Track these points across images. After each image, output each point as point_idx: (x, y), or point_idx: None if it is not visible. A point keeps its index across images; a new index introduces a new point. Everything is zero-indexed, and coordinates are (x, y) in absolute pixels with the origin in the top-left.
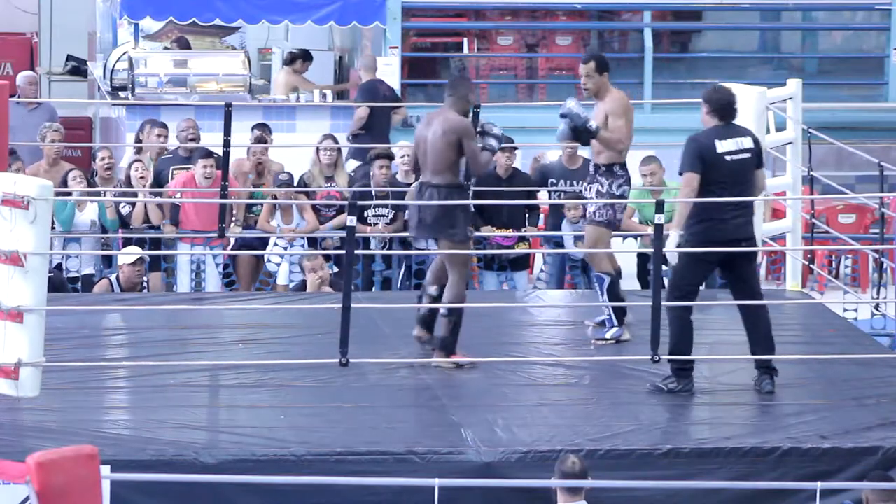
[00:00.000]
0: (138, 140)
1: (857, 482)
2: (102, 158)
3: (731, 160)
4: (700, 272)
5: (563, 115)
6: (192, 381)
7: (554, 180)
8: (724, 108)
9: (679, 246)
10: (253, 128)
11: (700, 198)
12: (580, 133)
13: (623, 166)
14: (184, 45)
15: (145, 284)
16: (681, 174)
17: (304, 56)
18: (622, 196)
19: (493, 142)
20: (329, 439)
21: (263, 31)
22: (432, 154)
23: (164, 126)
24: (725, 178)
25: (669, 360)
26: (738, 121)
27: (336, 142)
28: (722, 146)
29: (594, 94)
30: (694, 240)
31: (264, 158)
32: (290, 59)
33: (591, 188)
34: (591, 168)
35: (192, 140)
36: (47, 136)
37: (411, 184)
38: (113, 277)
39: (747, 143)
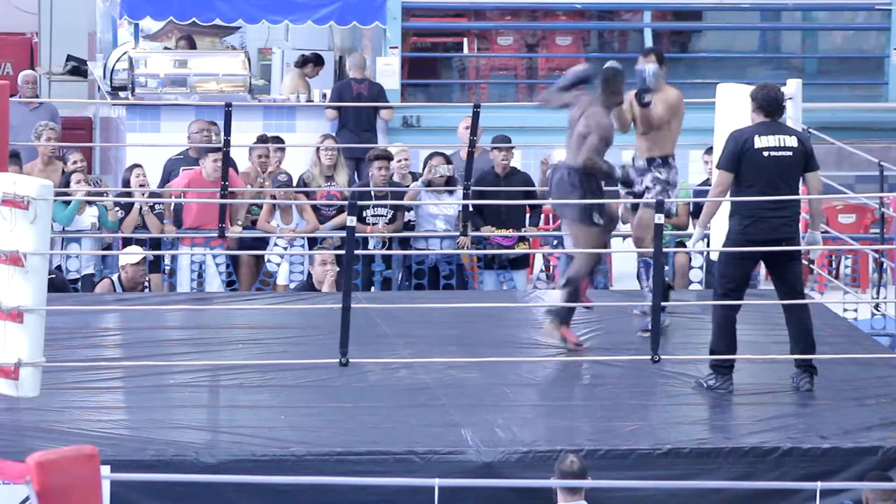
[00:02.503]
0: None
1: (856, 482)
2: (74, 162)
3: (769, 156)
4: (741, 270)
5: (638, 70)
6: (192, 381)
7: None
8: (768, 104)
9: (724, 244)
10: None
11: (737, 195)
12: (639, 94)
13: (674, 157)
14: (191, 43)
15: (146, 284)
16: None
17: (316, 60)
18: (676, 184)
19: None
20: (329, 439)
21: (263, 31)
22: (574, 139)
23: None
24: (763, 174)
25: (711, 358)
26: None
27: (336, 141)
28: (761, 142)
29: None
30: (733, 237)
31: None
32: (302, 62)
33: (645, 177)
34: (644, 162)
35: (206, 141)
36: (43, 134)
37: (409, 185)
38: (114, 277)
39: (791, 141)
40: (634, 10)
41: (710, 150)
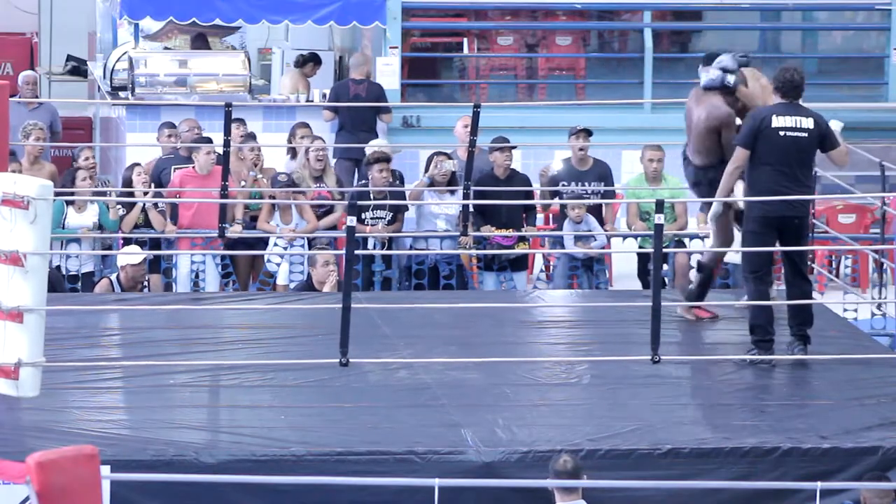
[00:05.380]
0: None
1: (856, 482)
2: (87, 158)
3: (785, 136)
4: (765, 246)
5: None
6: (192, 381)
7: (565, 182)
8: (783, 85)
9: (743, 224)
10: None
11: (753, 172)
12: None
13: None
14: (204, 42)
15: (146, 284)
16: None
17: (315, 60)
18: None
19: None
20: (329, 439)
21: (263, 31)
22: (694, 134)
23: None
24: (778, 153)
25: (751, 334)
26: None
27: (324, 141)
28: (778, 121)
29: None
30: (751, 214)
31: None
32: (302, 62)
33: None
34: None
35: (196, 141)
36: (32, 133)
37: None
38: (113, 277)
39: (807, 123)
40: (634, 10)
41: None
